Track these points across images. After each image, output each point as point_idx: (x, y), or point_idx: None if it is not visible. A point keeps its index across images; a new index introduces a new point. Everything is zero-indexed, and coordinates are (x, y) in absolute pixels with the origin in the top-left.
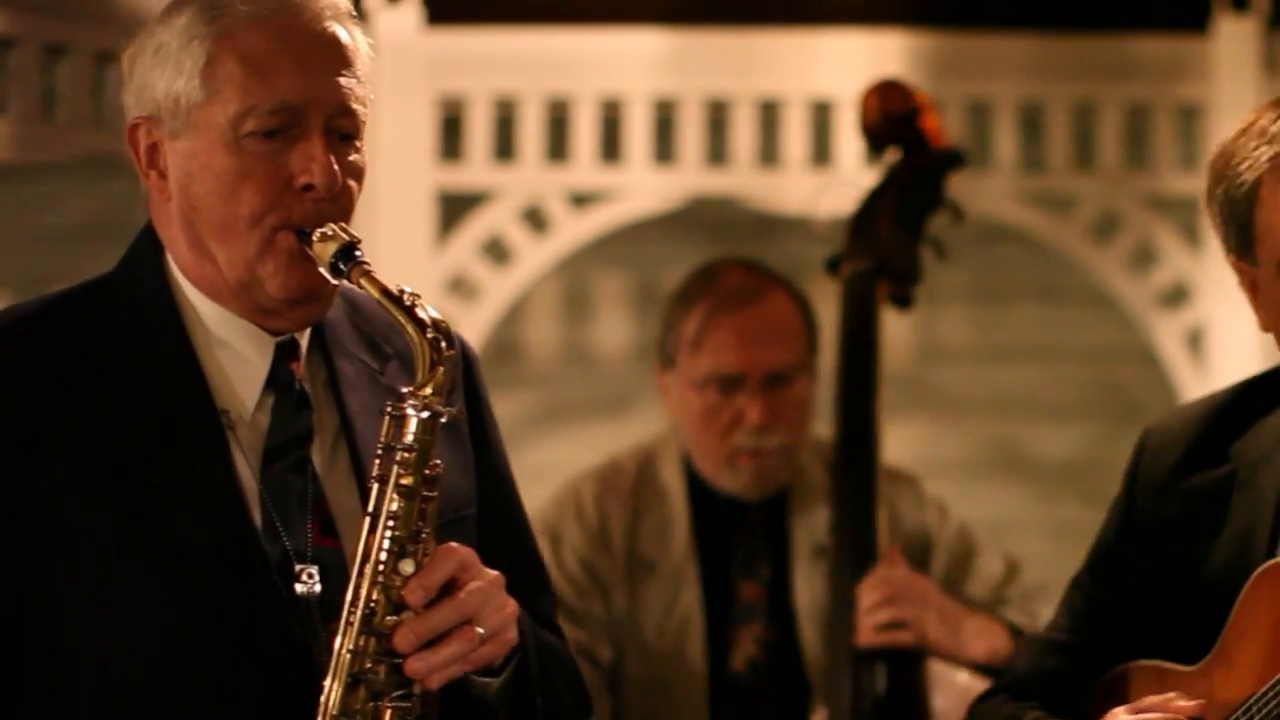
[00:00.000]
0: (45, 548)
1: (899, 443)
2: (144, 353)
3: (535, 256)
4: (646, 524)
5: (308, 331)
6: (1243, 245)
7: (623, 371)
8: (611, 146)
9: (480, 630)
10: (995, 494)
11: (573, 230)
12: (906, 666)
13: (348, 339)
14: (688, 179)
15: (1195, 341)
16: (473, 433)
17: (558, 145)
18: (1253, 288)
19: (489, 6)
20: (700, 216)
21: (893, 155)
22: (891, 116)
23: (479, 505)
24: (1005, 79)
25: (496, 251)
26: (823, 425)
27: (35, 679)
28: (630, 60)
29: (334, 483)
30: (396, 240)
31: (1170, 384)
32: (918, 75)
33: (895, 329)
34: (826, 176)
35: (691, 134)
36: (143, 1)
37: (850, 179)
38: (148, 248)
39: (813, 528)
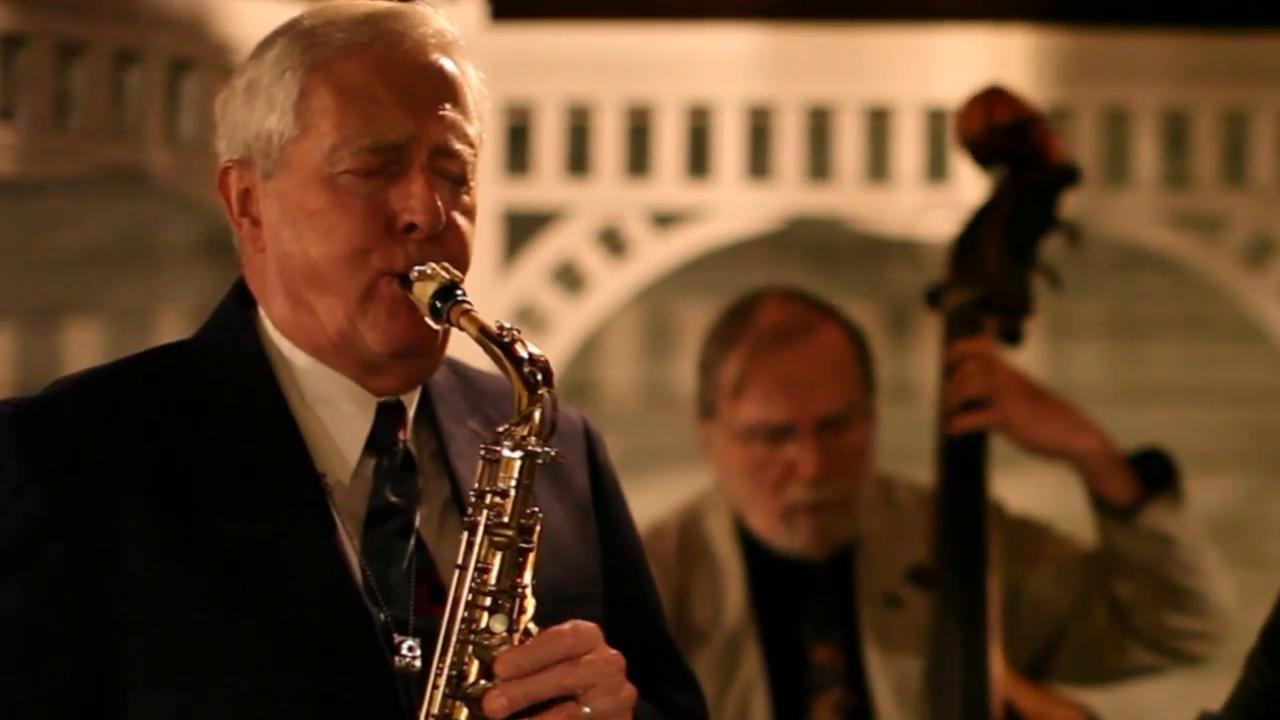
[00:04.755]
0: (132, 622)
1: (1022, 495)
2: (234, 413)
3: (612, 283)
4: (696, 591)
5: (415, 399)
6: None
7: None
8: (699, 159)
9: (586, 710)
10: None
11: (655, 254)
12: None
13: (458, 408)
14: (785, 196)
15: None
16: (599, 512)
17: (638, 158)
18: None
19: (560, 1)
20: (799, 238)
21: (999, 172)
22: (998, 129)
23: (607, 588)
24: (1146, 83)
25: (569, 278)
26: (922, 473)
27: None
28: (721, 62)
29: (444, 552)
30: None
31: None
32: (1047, 79)
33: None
34: (942, 193)
35: (790, 145)
36: None
37: (960, 199)
38: (236, 304)
39: (883, 575)
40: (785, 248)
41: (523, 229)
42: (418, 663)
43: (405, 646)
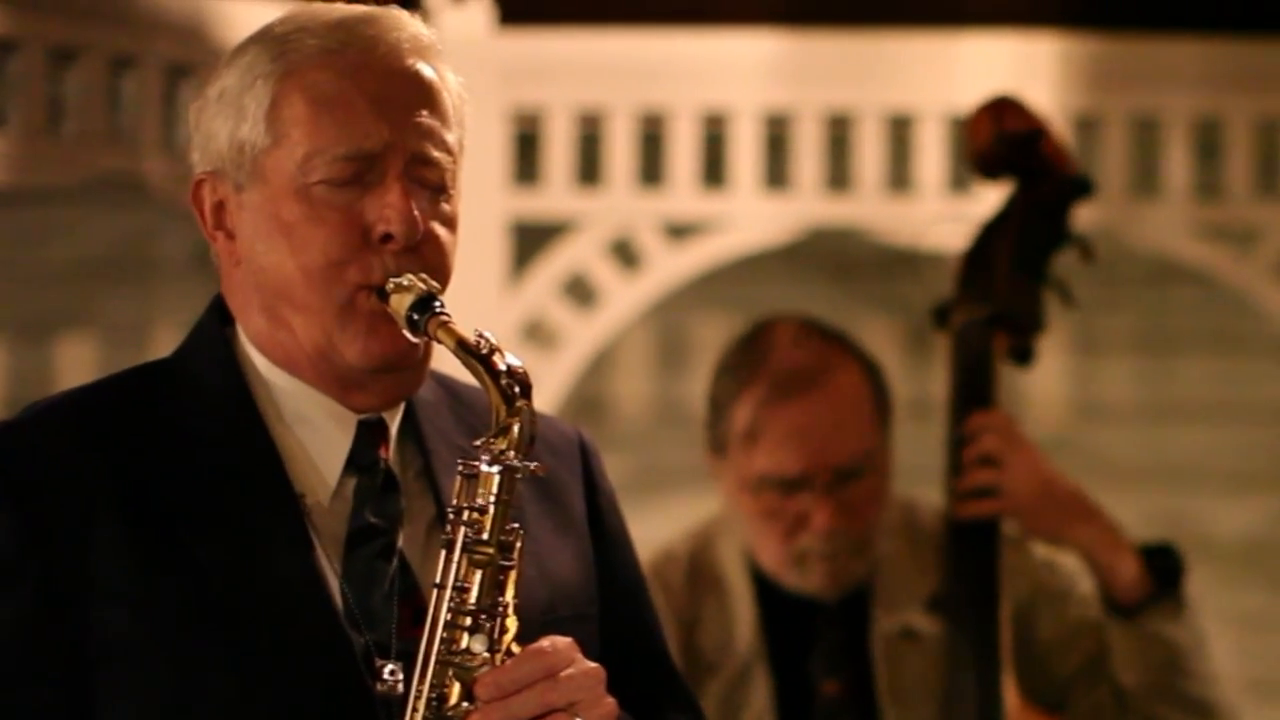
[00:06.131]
0: (108, 646)
1: None
2: (211, 434)
3: (624, 297)
4: (705, 619)
5: (398, 416)
6: None
7: None
8: (714, 169)
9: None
10: None
11: (668, 266)
12: None
13: (445, 425)
14: (803, 207)
15: None
16: (594, 530)
17: (651, 167)
18: None
19: (570, 5)
20: (818, 250)
21: (1008, 186)
22: (1007, 140)
23: (603, 608)
24: (1177, 91)
25: (579, 291)
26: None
27: None
28: (737, 68)
29: (429, 573)
30: (462, 278)
31: None
32: (1075, 86)
33: (1045, 384)
34: (964, 204)
35: (808, 154)
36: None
37: (982, 211)
38: (213, 322)
39: (900, 605)
40: (803, 260)
41: (532, 240)
42: (400, 687)
43: (387, 671)
